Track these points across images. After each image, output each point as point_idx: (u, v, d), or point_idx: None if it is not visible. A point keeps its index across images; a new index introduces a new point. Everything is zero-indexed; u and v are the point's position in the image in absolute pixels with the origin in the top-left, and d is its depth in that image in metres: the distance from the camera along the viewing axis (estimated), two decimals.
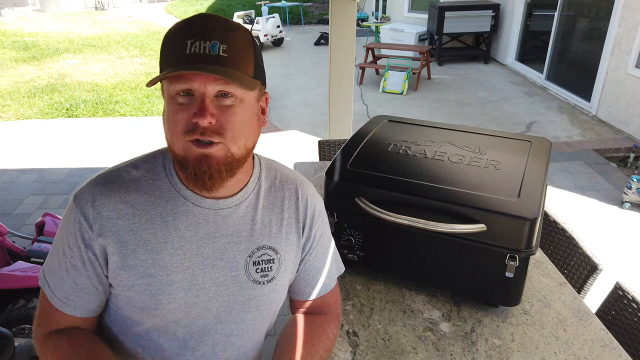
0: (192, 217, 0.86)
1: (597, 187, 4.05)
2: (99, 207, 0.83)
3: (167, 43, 0.79)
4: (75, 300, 0.87)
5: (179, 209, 0.86)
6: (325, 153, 2.36)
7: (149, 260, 0.84)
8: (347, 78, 2.88)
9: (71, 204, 0.85)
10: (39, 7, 14.42)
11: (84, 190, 0.85)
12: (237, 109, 0.79)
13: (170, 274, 0.85)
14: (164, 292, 0.85)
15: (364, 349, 1.13)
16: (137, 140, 5.04)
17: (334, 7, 2.70)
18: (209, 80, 0.75)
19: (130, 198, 0.85)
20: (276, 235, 0.94)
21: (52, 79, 7.14)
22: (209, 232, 0.87)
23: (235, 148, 0.80)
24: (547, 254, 1.70)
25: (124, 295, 0.86)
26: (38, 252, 2.33)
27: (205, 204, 0.87)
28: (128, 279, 0.84)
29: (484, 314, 1.24)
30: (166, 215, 0.85)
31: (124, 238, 0.83)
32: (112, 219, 0.83)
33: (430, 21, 8.12)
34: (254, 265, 0.91)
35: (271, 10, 10.92)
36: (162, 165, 0.89)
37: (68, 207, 0.86)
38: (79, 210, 0.83)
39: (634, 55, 4.98)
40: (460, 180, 1.23)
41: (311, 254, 1.01)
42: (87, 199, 0.84)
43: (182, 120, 0.77)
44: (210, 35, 0.75)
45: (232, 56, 0.76)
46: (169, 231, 0.85)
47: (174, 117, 0.78)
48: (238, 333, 0.94)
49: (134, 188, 0.85)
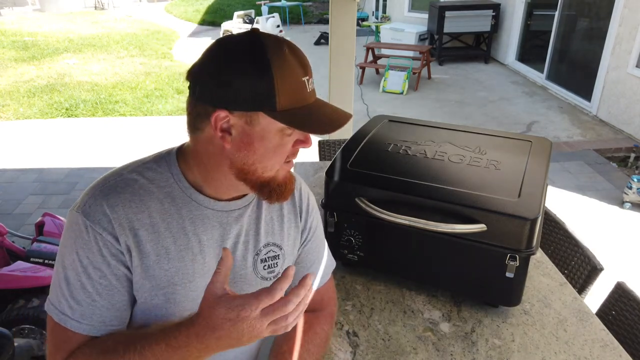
0: (207, 220, 0.86)
1: (598, 187, 4.05)
2: (118, 219, 0.79)
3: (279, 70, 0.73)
4: (112, 320, 0.82)
5: (194, 213, 0.85)
6: (325, 153, 2.36)
7: (172, 269, 0.83)
8: (347, 78, 2.88)
9: (82, 223, 0.78)
10: (38, 7, 14.41)
11: (92, 204, 0.79)
12: None
13: (193, 279, 0.85)
14: (187, 299, 0.85)
15: (364, 349, 1.13)
16: (136, 140, 5.03)
17: (334, 6, 2.70)
18: None
19: (146, 207, 0.82)
20: (279, 231, 0.97)
21: (51, 78, 7.14)
22: (223, 234, 0.88)
23: None
24: (548, 254, 1.69)
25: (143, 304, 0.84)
26: (38, 252, 2.33)
27: (218, 207, 0.87)
28: (152, 289, 0.83)
29: (484, 314, 1.23)
30: (182, 221, 0.84)
31: (146, 249, 0.81)
32: (133, 230, 0.80)
33: (431, 21, 8.12)
34: (262, 262, 0.94)
35: (271, 9, 10.91)
36: (169, 171, 0.86)
37: (79, 227, 0.79)
38: (98, 226, 0.78)
39: (634, 54, 4.97)
40: (461, 180, 1.23)
41: (307, 245, 1.03)
42: (101, 212, 0.79)
43: (288, 151, 0.81)
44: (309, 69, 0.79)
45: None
46: (187, 237, 0.84)
47: (282, 149, 0.80)
48: None
49: (148, 196, 0.82)
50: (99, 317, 0.80)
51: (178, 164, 0.87)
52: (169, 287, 0.83)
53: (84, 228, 0.78)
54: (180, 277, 0.84)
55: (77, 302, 0.79)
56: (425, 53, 6.83)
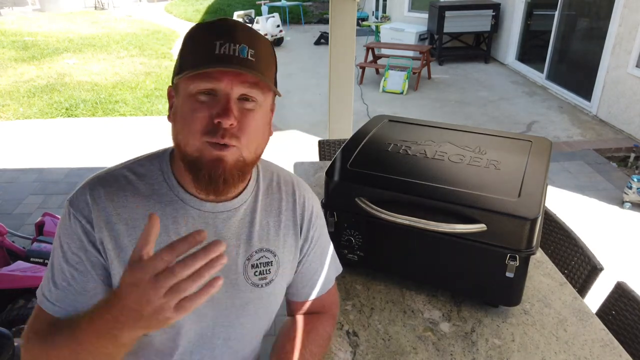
0: (191, 220, 0.85)
1: (598, 187, 4.05)
2: (97, 209, 0.81)
3: (192, 42, 0.79)
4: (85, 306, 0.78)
5: (179, 212, 0.85)
6: (325, 153, 2.36)
7: None
8: (347, 78, 2.88)
9: (67, 209, 0.83)
10: (38, 7, 14.41)
11: (79, 193, 0.83)
12: (256, 114, 0.79)
13: None
14: None
15: (364, 349, 1.13)
16: (136, 140, 5.03)
17: (334, 6, 2.70)
18: (236, 82, 0.75)
19: (128, 202, 0.83)
20: (274, 237, 0.93)
21: (51, 78, 7.14)
22: (209, 236, 0.86)
23: (247, 153, 0.80)
24: (548, 253, 1.69)
25: None
26: (38, 252, 2.33)
27: (205, 207, 0.86)
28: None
29: (484, 314, 1.23)
30: (165, 219, 0.84)
31: (123, 243, 0.82)
32: (111, 223, 0.81)
33: (431, 21, 8.12)
34: (253, 268, 0.91)
35: (271, 9, 10.91)
36: (159, 168, 0.87)
37: (64, 214, 0.83)
38: (79, 214, 0.81)
39: (634, 54, 4.97)
40: (461, 180, 1.23)
41: (309, 256, 1.00)
42: (84, 201, 0.82)
43: (203, 119, 0.75)
44: (239, 39, 0.75)
45: (259, 62, 0.77)
46: (168, 235, 0.84)
47: (192, 115, 0.76)
48: (236, 336, 0.93)
49: (132, 192, 0.84)
50: (72, 301, 0.81)
51: (170, 162, 0.88)
52: None
53: (67, 215, 0.82)
54: None
55: (55, 285, 0.82)
56: (425, 53, 6.83)
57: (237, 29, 0.77)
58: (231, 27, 0.77)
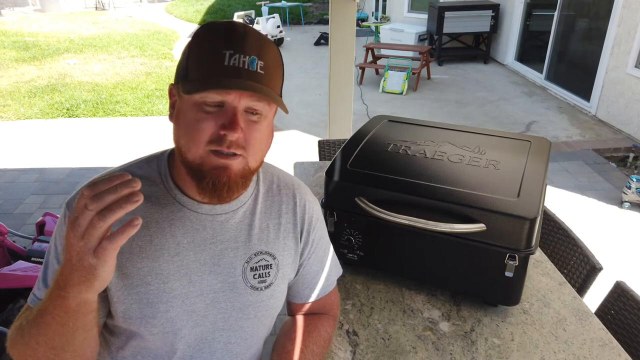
0: (188, 223, 0.85)
1: (597, 186, 4.06)
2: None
3: (199, 47, 0.77)
4: None
5: (176, 215, 0.85)
6: (325, 153, 2.37)
7: (145, 268, 0.82)
8: (347, 78, 2.88)
9: (64, 211, 0.83)
10: (39, 7, 14.42)
11: (76, 194, 0.83)
12: (261, 126, 0.80)
13: (168, 281, 0.84)
14: (161, 300, 0.83)
15: (364, 348, 1.13)
16: (137, 140, 5.04)
17: (334, 7, 2.71)
18: (245, 96, 0.75)
19: None
20: (274, 240, 0.93)
21: (52, 79, 7.14)
22: (206, 238, 0.86)
23: (253, 162, 0.81)
24: (547, 253, 1.70)
25: (120, 306, 0.84)
26: (38, 252, 2.34)
27: (203, 210, 0.86)
28: (124, 287, 0.82)
29: (484, 313, 1.24)
30: (162, 221, 0.84)
31: None
32: None
33: (430, 21, 8.13)
34: (252, 271, 0.90)
35: (271, 10, 10.92)
36: (157, 171, 0.87)
37: (61, 215, 0.84)
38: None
39: (633, 55, 4.98)
40: (460, 180, 1.23)
41: (309, 259, 1.00)
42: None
43: (208, 129, 0.75)
44: (249, 50, 0.75)
45: (267, 74, 0.77)
46: (165, 238, 0.84)
47: (198, 125, 0.75)
48: (236, 340, 0.93)
49: None
50: None
51: (169, 164, 0.88)
52: (142, 286, 0.82)
53: (62, 215, 0.83)
54: (153, 277, 0.83)
55: (45, 284, 0.83)
56: (425, 53, 6.84)
57: (247, 37, 0.76)
58: (241, 36, 0.76)
